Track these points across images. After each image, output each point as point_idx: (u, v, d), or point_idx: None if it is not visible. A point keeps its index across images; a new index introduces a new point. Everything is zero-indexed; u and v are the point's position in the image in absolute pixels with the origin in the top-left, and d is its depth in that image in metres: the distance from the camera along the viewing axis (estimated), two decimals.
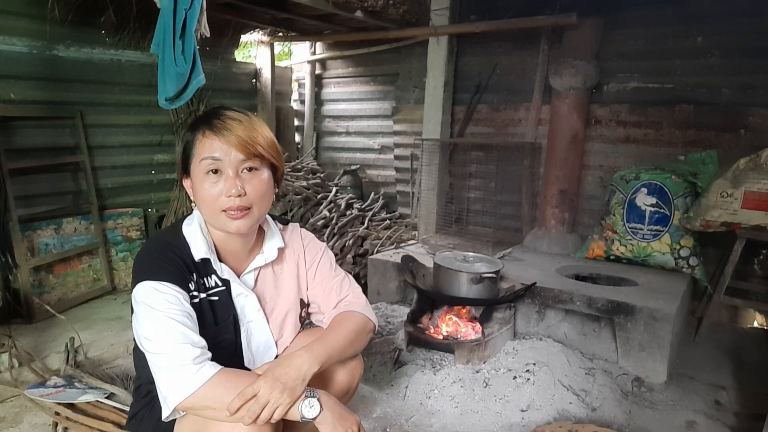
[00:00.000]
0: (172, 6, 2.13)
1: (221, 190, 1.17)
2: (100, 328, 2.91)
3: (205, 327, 1.22)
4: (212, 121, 1.18)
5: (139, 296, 1.14)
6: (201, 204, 1.21)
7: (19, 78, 3.13)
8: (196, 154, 1.18)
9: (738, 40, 3.04)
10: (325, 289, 1.42)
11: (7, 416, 2.03)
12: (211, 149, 1.16)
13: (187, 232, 1.25)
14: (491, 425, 2.02)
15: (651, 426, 2.09)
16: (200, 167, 1.17)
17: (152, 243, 1.29)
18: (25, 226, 3.08)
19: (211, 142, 1.16)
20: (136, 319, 1.15)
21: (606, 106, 3.48)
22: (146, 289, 1.14)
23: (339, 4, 3.71)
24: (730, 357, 2.73)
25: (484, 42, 3.88)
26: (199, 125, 1.20)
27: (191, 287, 1.21)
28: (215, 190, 1.17)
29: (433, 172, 4.01)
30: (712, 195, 2.77)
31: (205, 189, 1.18)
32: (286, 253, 1.40)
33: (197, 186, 1.19)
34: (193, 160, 1.19)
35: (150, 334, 1.11)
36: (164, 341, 1.09)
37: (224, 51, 4.45)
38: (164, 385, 1.09)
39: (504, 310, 2.62)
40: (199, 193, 1.19)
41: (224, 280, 1.27)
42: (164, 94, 2.21)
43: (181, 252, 1.22)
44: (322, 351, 1.21)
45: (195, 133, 1.20)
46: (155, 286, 1.14)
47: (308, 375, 1.15)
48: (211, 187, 1.17)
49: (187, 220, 1.29)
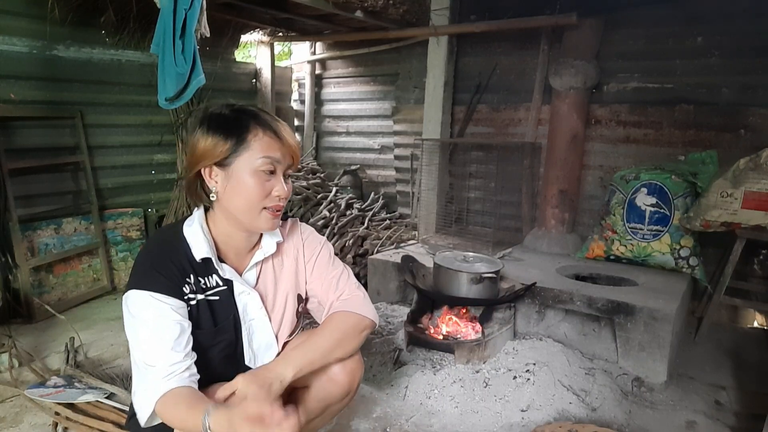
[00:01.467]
0: (172, 6, 2.13)
1: (270, 189, 1.21)
2: (100, 328, 2.91)
3: (203, 328, 1.23)
4: (269, 123, 1.21)
5: (127, 303, 1.18)
6: (240, 199, 1.20)
7: (19, 78, 3.13)
8: (253, 149, 1.19)
9: (738, 40, 3.04)
10: (323, 285, 1.42)
11: (7, 416, 2.03)
12: (273, 149, 1.20)
13: (187, 232, 1.25)
14: (491, 425, 2.02)
15: (651, 426, 2.09)
16: (256, 164, 1.19)
17: (151, 245, 1.29)
18: (25, 226, 3.08)
19: (272, 142, 1.20)
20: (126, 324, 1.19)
21: (606, 106, 3.48)
22: (134, 299, 1.17)
23: (339, 4, 3.71)
24: (730, 357, 2.73)
25: (484, 42, 3.88)
26: (248, 122, 1.20)
27: (186, 290, 1.21)
28: (266, 187, 1.20)
29: (433, 172, 4.01)
30: (712, 195, 2.77)
31: (255, 185, 1.19)
32: (285, 248, 1.40)
33: (243, 180, 1.19)
34: (244, 154, 1.19)
35: (132, 343, 1.17)
36: (141, 353, 1.15)
37: (224, 51, 4.45)
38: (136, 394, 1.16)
39: (504, 310, 2.62)
40: (244, 188, 1.19)
41: (225, 279, 1.27)
42: (164, 94, 2.22)
43: (179, 253, 1.22)
44: (300, 356, 1.25)
45: (247, 129, 1.19)
46: (143, 297, 1.16)
47: (285, 378, 1.20)
48: (263, 185, 1.20)
49: (188, 221, 1.28)
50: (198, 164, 1.21)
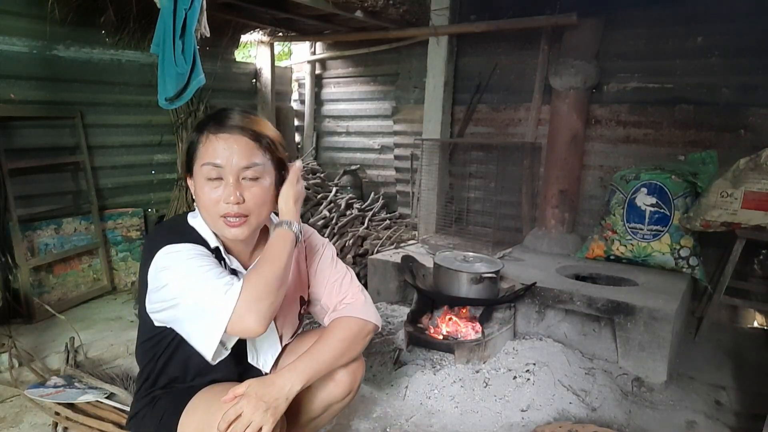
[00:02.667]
0: (172, 6, 2.13)
1: (220, 196, 1.17)
2: (100, 328, 2.91)
3: None
4: (216, 124, 1.19)
5: (161, 261, 1.15)
6: (201, 207, 1.22)
7: (19, 78, 3.13)
8: (199, 157, 1.19)
9: (738, 40, 3.04)
10: (327, 287, 1.42)
11: (7, 416, 2.03)
12: (214, 155, 1.16)
13: (194, 223, 1.26)
14: (491, 425, 2.02)
15: (651, 426, 2.09)
16: (201, 172, 1.18)
17: (162, 226, 1.31)
18: (25, 226, 3.08)
19: (215, 147, 1.17)
20: (158, 286, 1.14)
21: (606, 106, 3.48)
22: (168, 251, 1.15)
23: (339, 4, 3.71)
24: (730, 357, 2.73)
25: (484, 42, 3.88)
26: (203, 127, 1.20)
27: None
28: (214, 195, 1.18)
29: (433, 172, 4.01)
30: (712, 195, 2.77)
31: (204, 193, 1.18)
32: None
33: (198, 189, 1.20)
34: (195, 162, 1.20)
35: (179, 286, 1.12)
36: (194, 284, 1.11)
37: (224, 51, 4.44)
38: (202, 322, 1.10)
39: (504, 310, 2.62)
40: (200, 196, 1.20)
41: (231, 269, 1.27)
42: (164, 94, 2.22)
43: (194, 236, 1.23)
44: (308, 368, 1.22)
45: (199, 135, 1.19)
46: (176, 247, 1.15)
47: (291, 394, 1.16)
48: (211, 192, 1.18)
49: (192, 214, 1.29)
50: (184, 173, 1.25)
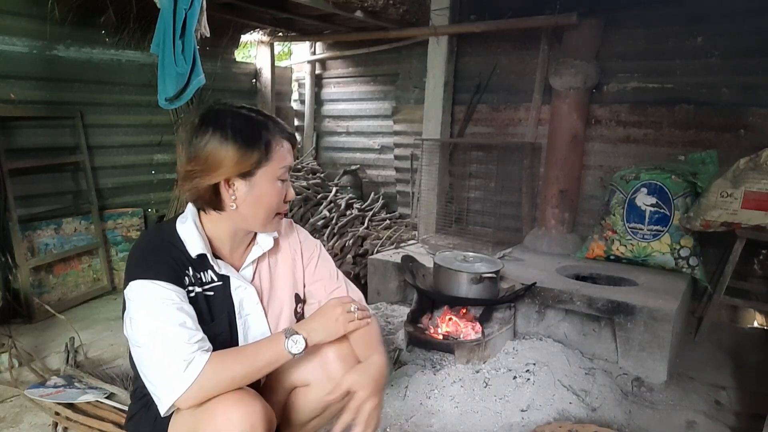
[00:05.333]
0: (172, 6, 2.13)
1: (284, 195, 1.26)
2: (100, 328, 2.91)
3: (201, 322, 1.22)
4: (287, 131, 1.24)
5: (131, 295, 1.15)
6: (261, 208, 1.22)
7: (19, 78, 3.13)
8: (275, 159, 1.20)
9: (738, 40, 3.04)
10: (326, 288, 1.44)
11: (7, 416, 2.03)
12: (289, 158, 1.24)
13: (181, 229, 1.24)
14: (491, 425, 2.02)
15: (651, 426, 2.09)
16: (277, 173, 1.22)
17: (144, 240, 1.28)
18: (25, 226, 3.08)
19: (288, 151, 1.24)
20: (128, 318, 1.15)
21: (606, 106, 3.48)
22: (139, 288, 1.14)
23: (339, 4, 3.71)
24: (730, 357, 2.73)
25: (484, 42, 3.87)
26: (271, 131, 1.20)
27: (186, 282, 1.20)
28: (281, 195, 1.25)
29: (433, 172, 4.01)
30: (712, 195, 2.77)
31: (276, 194, 1.23)
32: (282, 246, 1.40)
33: (266, 190, 1.21)
34: (268, 165, 1.19)
35: (142, 334, 1.12)
36: (156, 341, 1.11)
37: (224, 51, 4.45)
38: (157, 384, 1.11)
39: (504, 310, 2.62)
40: (266, 197, 1.22)
41: (220, 275, 1.27)
42: (164, 94, 2.22)
43: (175, 249, 1.21)
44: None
45: (272, 139, 1.20)
46: (147, 285, 1.14)
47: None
48: (280, 193, 1.24)
49: (181, 218, 1.27)
50: (216, 174, 1.17)
